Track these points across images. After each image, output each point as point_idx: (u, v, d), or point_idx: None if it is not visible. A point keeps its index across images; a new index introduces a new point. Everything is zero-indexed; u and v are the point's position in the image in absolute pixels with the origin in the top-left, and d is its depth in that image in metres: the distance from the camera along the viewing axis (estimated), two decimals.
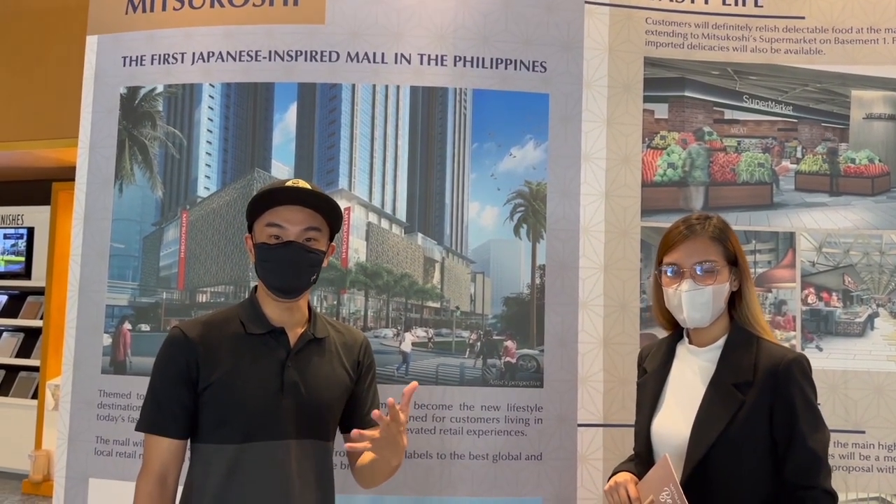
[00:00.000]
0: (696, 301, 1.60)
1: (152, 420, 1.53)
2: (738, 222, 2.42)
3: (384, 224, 2.34)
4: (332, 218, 1.58)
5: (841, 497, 2.31)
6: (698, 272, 1.60)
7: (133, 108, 2.39)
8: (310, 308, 1.64)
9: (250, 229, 1.59)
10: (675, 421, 1.62)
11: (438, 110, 2.36)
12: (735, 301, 1.65)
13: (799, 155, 2.48)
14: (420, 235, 2.34)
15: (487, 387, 2.26)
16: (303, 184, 1.55)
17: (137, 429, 1.56)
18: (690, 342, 1.69)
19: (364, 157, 2.35)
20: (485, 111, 2.36)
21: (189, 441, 1.57)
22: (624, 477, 1.62)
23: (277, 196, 1.53)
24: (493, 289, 2.33)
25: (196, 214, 2.35)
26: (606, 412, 2.28)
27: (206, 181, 2.35)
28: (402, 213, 2.34)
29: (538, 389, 2.27)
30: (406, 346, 2.28)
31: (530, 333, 2.30)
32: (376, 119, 2.36)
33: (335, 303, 2.30)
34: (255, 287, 1.63)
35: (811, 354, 2.36)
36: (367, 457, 1.62)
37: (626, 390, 2.23)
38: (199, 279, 2.33)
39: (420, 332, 2.30)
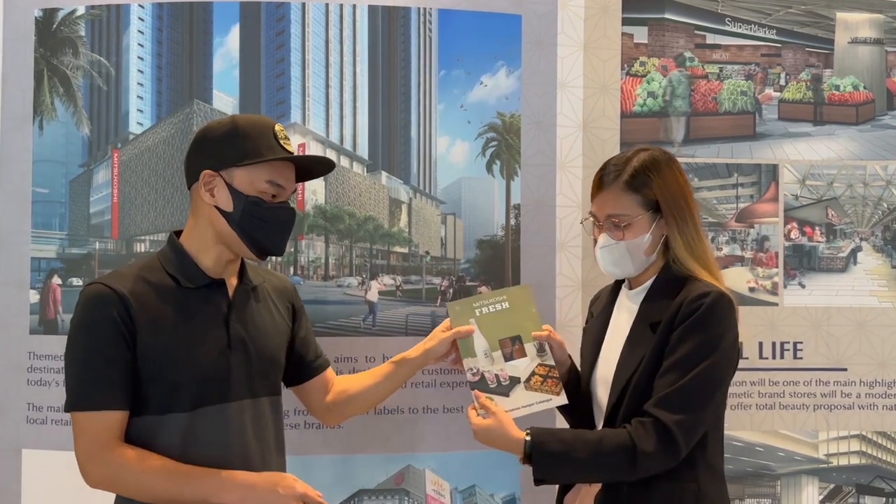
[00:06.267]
0: (609, 256, 1.53)
1: (91, 394, 1.31)
2: (721, 154, 2.31)
3: (344, 162, 2.13)
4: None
5: (822, 436, 2.30)
6: (609, 226, 1.52)
7: (51, 33, 2.10)
8: None
9: (217, 168, 1.39)
10: (608, 366, 1.55)
11: (401, 33, 2.13)
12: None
13: (782, 82, 2.36)
14: (384, 174, 2.14)
15: None
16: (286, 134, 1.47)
17: (70, 409, 1.33)
18: (629, 286, 1.61)
19: (319, 86, 2.11)
20: (452, 35, 2.14)
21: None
22: None
23: (291, 156, 1.43)
24: (465, 231, 2.16)
25: (129, 153, 2.09)
26: None
27: (138, 115, 2.08)
28: (363, 150, 2.13)
29: None
30: (372, 296, 2.11)
31: (506, 278, 2.15)
32: (331, 43, 2.11)
33: (292, 249, 2.09)
34: (177, 234, 1.46)
35: (794, 291, 2.30)
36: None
37: None
38: (136, 226, 2.09)
39: (387, 280, 2.12)
